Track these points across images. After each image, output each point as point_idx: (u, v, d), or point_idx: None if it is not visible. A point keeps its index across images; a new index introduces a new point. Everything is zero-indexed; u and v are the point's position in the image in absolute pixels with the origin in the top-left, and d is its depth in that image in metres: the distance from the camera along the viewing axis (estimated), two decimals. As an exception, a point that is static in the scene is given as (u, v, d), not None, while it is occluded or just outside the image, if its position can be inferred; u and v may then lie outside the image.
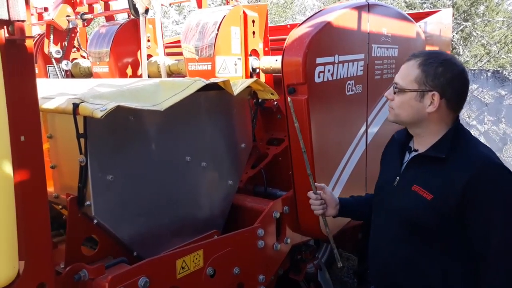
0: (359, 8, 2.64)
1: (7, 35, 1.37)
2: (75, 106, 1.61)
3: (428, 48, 3.66)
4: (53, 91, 1.98)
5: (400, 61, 3.14)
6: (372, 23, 2.75)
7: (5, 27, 1.37)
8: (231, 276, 2.15)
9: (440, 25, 4.10)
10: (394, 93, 1.58)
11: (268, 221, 2.41)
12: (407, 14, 3.37)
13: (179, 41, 4.23)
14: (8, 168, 1.37)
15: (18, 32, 1.37)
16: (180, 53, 3.46)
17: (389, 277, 1.70)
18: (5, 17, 1.34)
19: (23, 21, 1.37)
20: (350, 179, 2.73)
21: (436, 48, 4.05)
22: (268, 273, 2.41)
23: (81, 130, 1.65)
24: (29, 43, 1.41)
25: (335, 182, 2.61)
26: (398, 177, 1.66)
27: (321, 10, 2.58)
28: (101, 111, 1.54)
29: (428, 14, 4.06)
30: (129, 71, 3.17)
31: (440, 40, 4.11)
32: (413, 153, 1.66)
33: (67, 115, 1.68)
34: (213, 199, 2.33)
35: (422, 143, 1.63)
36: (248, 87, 2.36)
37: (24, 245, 1.45)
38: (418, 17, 3.85)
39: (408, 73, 1.55)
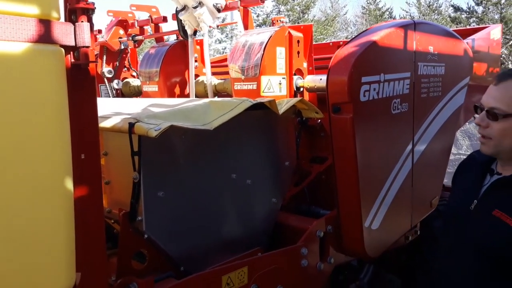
0: (405, 27, 2.63)
1: (72, 60, 1.47)
2: (131, 125, 1.69)
3: (476, 65, 3.58)
4: (108, 110, 2.09)
5: (447, 79, 3.10)
6: (418, 42, 2.73)
7: (71, 52, 1.47)
8: (274, 294, 2.16)
9: (488, 42, 4.00)
10: (496, 119, 1.42)
11: (312, 240, 2.41)
12: (454, 31, 3.32)
13: (222, 60, 4.36)
14: (69, 184, 1.45)
15: (83, 57, 1.46)
16: (225, 72, 3.56)
17: None
18: (72, 43, 1.44)
19: (87, 47, 1.47)
20: (396, 200, 2.68)
21: (484, 65, 3.95)
22: (311, 293, 2.40)
23: (135, 148, 1.73)
24: (92, 67, 1.51)
25: (380, 202, 2.57)
26: (475, 201, 1.52)
27: (366, 30, 2.59)
28: (155, 130, 1.61)
29: (476, 31, 3.98)
30: (177, 90, 3.28)
31: (489, 57, 4.00)
32: (496, 176, 1.52)
33: (121, 134, 1.76)
34: (257, 216, 2.35)
35: (509, 167, 1.49)
36: (293, 106, 2.39)
37: (81, 257, 1.53)
38: (465, 33, 3.79)
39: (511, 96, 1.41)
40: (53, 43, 1.39)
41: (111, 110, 2.13)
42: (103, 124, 1.82)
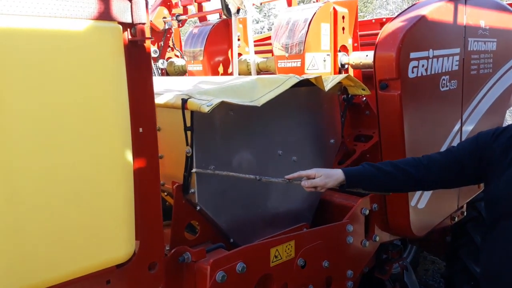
0: (456, 1, 2.53)
1: (130, 36, 1.52)
2: (184, 101, 1.74)
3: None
4: (159, 88, 2.15)
5: (499, 55, 2.97)
6: (469, 16, 2.63)
7: (128, 29, 1.52)
8: (320, 268, 2.19)
9: (544, 16, 3.79)
10: None
11: (357, 218, 2.41)
12: (508, 4, 3.16)
13: (263, 39, 4.35)
14: (129, 156, 1.52)
15: (140, 34, 1.51)
16: (266, 51, 3.55)
17: None
18: (129, 20, 1.49)
19: (143, 23, 1.52)
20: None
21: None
22: (356, 269, 2.41)
23: (188, 124, 1.78)
24: (148, 43, 1.56)
25: (427, 181, 2.53)
26: None
27: (415, 4, 2.52)
28: (207, 106, 1.66)
29: (530, 4, 3.77)
30: (220, 69, 3.32)
31: (544, 32, 3.79)
32: None
33: (174, 110, 1.82)
34: (302, 192, 2.35)
35: None
36: (339, 82, 2.37)
37: (140, 227, 1.61)
38: (519, 7, 3.59)
39: None
40: (111, 20, 1.45)
41: (162, 87, 2.19)
42: (156, 100, 1.88)
